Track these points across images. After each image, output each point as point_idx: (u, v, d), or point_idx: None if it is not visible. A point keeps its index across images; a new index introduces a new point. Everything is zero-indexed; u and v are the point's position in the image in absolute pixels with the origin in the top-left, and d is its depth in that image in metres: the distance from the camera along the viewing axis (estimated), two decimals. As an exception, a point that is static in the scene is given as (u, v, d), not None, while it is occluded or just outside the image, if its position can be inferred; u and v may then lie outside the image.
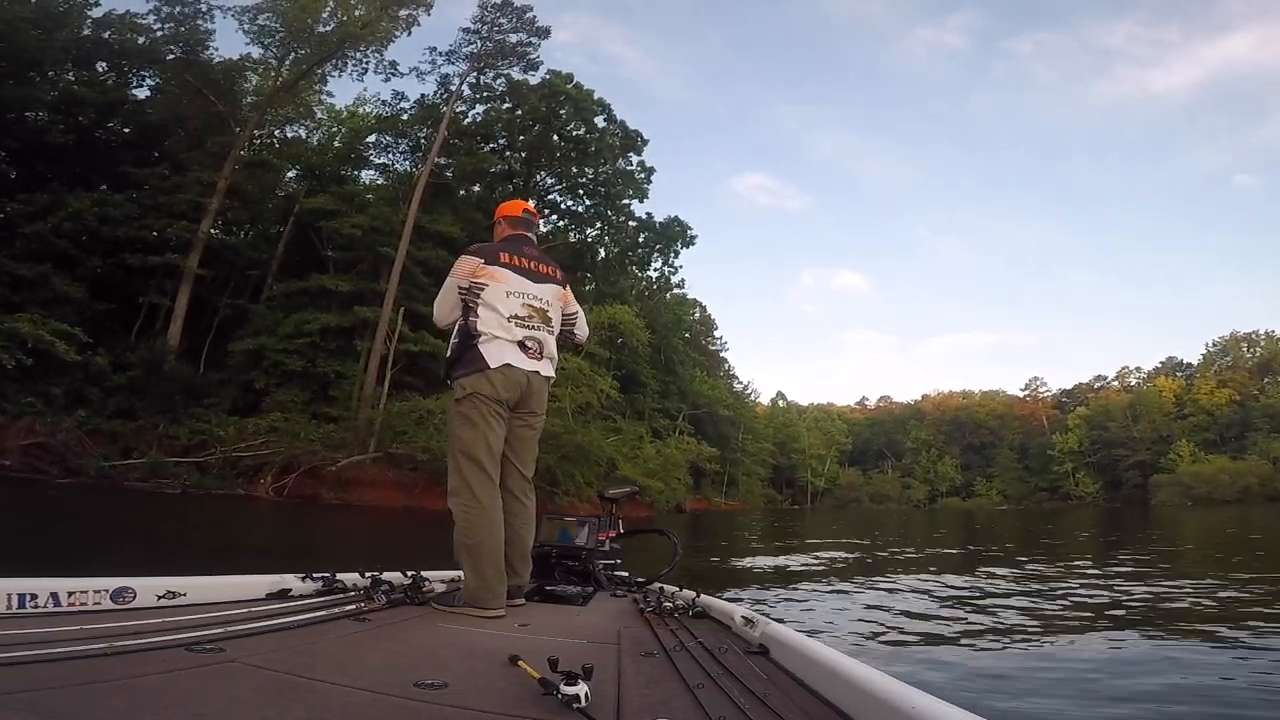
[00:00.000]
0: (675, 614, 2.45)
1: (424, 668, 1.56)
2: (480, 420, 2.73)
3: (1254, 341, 73.73)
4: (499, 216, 3.19)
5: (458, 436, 2.75)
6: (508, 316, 2.82)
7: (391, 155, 34.41)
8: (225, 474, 20.47)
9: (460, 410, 2.76)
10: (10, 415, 18.47)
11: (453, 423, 2.81)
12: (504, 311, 2.82)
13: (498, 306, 2.82)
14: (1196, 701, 3.23)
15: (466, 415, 2.74)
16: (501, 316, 2.81)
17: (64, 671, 1.22)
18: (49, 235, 22.22)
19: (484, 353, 2.77)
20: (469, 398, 2.74)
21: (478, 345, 2.78)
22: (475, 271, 2.85)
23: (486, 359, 2.76)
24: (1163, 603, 6.24)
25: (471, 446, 2.72)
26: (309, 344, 24.81)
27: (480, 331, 2.79)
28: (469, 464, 2.71)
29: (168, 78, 28.43)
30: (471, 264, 2.86)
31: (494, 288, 2.84)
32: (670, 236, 41.85)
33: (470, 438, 2.73)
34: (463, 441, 2.73)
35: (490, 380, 2.75)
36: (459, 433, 2.75)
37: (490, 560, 2.59)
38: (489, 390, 2.74)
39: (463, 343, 2.83)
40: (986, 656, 4.24)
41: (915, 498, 79.85)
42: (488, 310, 2.81)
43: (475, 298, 2.83)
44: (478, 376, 2.75)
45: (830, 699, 1.39)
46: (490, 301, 2.82)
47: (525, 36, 32.28)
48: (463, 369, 2.79)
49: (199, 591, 2.08)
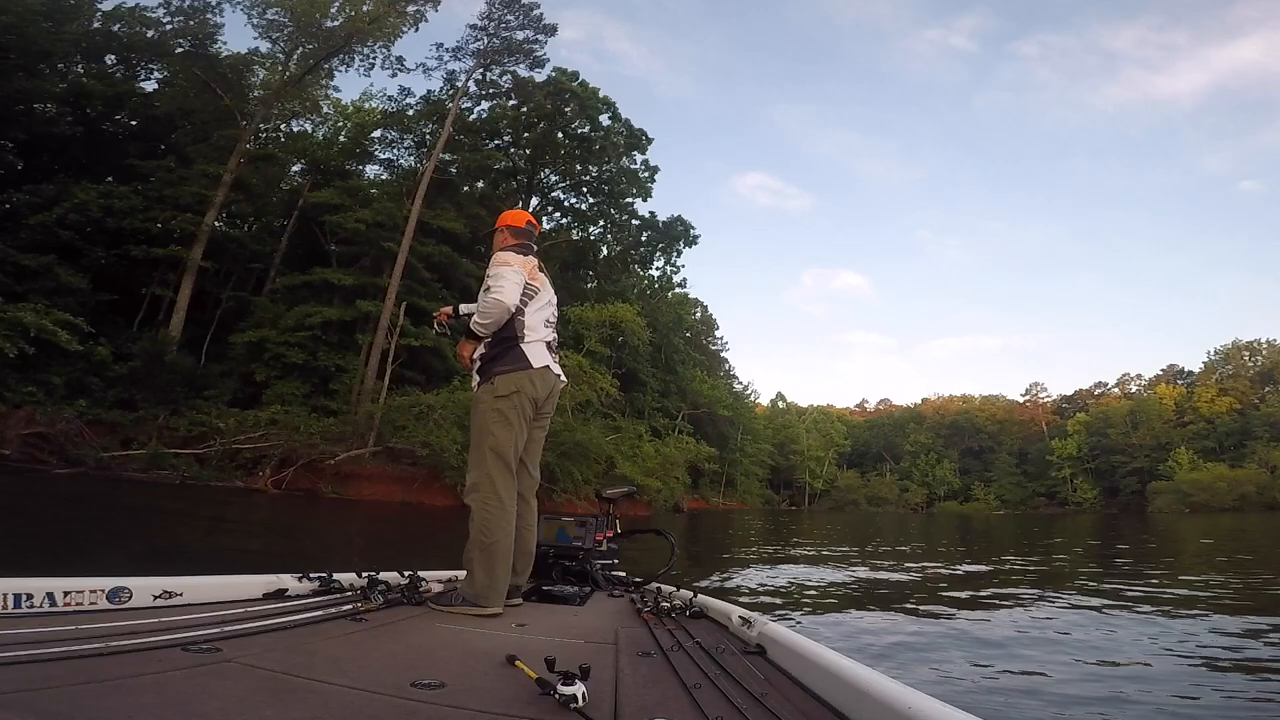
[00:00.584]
0: (672, 614, 2.45)
1: (421, 667, 1.56)
2: (517, 420, 2.75)
3: (1256, 350, 73.49)
4: (502, 225, 3.16)
5: (492, 434, 2.72)
6: (545, 321, 2.91)
7: (396, 150, 34.50)
8: (224, 466, 20.47)
9: (499, 408, 2.74)
10: (10, 404, 18.48)
11: (488, 419, 2.75)
12: (543, 314, 2.91)
13: (542, 310, 2.91)
14: (1196, 702, 3.23)
15: (504, 414, 2.73)
16: (541, 319, 2.89)
17: (60, 671, 1.22)
18: (54, 226, 22.24)
19: (527, 352, 2.81)
20: (513, 395, 2.74)
21: (521, 345, 2.81)
22: (531, 272, 2.88)
23: (530, 359, 2.80)
24: (1162, 607, 6.23)
25: (504, 445, 2.72)
26: (310, 337, 24.84)
27: (525, 333, 2.82)
28: (497, 462, 2.70)
29: (175, 71, 28.45)
30: (529, 263, 2.89)
31: (543, 292, 2.93)
32: (673, 236, 41.88)
33: (505, 436, 2.73)
34: (496, 439, 2.72)
35: (532, 380, 2.79)
36: (494, 429, 2.72)
37: (503, 560, 2.60)
38: (530, 390, 2.78)
39: (504, 341, 2.82)
40: (984, 657, 4.24)
41: (913, 501, 79.72)
42: (533, 313, 2.87)
43: (528, 298, 2.86)
44: (521, 375, 2.77)
45: (827, 699, 1.39)
46: (536, 303, 2.89)
47: (532, 34, 32.27)
48: (506, 366, 2.78)
49: (195, 591, 2.08)
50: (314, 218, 28.43)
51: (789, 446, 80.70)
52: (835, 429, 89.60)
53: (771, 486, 76.87)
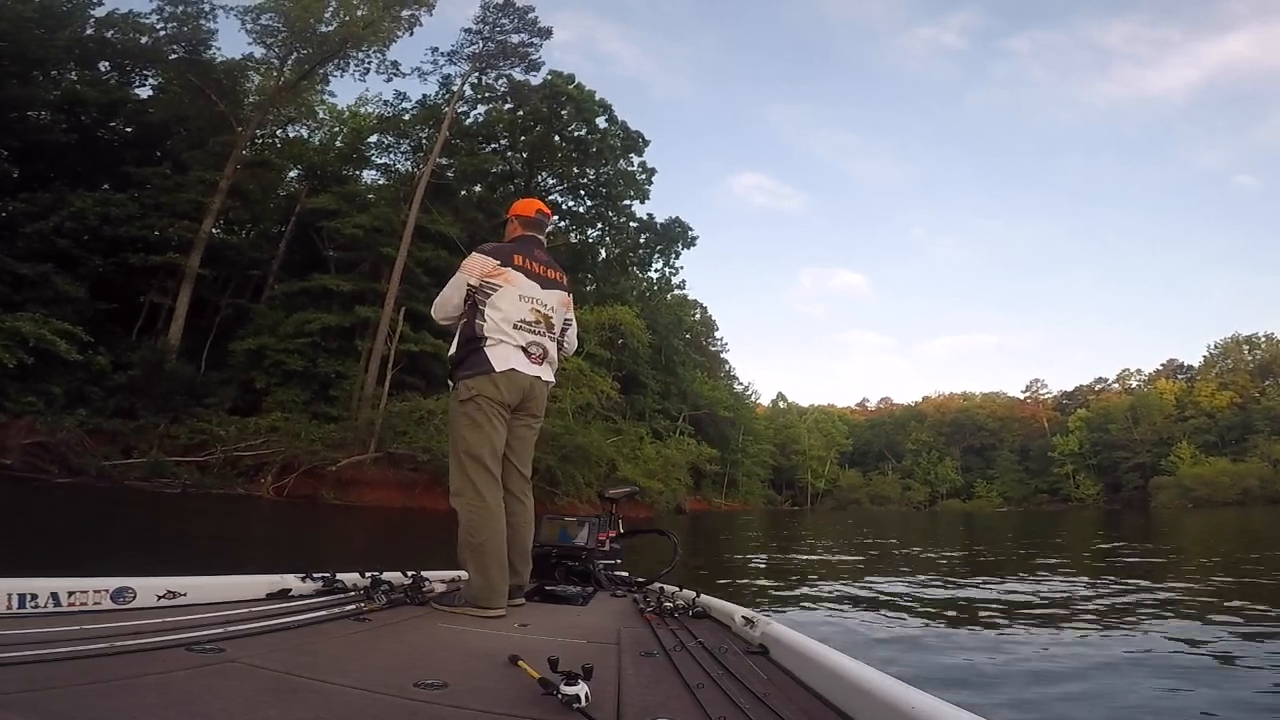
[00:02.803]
0: (675, 614, 2.44)
1: (424, 668, 1.56)
2: (485, 421, 2.73)
3: (1255, 344, 73.67)
4: (511, 215, 3.17)
5: (462, 438, 2.74)
6: (516, 321, 2.82)
7: (393, 155, 34.51)
8: (225, 474, 20.46)
9: (464, 411, 2.75)
10: (11, 414, 18.46)
11: (456, 424, 2.78)
12: (513, 315, 2.82)
13: (507, 310, 2.81)
14: (1198, 703, 3.23)
15: (471, 417, 2.73)
16: (510, 320, 2.80)
17: (64, 671, 1.22)
18: (50, 234, 22.22)
19: (490, 356, 2.76)
20: (473, 399, 2.73)
21: (484, 348, 2.77)
22: (489, 272, 2.83)
23: (492, 362, 2.75)
24: (1166, 605, 6.23)
25: (476, 447, 2.71)
26: (310, 344, 24.85)
27: (486, 335, 2.78)
28: (474, 465, 2.70)
29: (170, 77, 28.44)
30: (485, 264, 2.85)
31: (506, 290, 2.83)
32: (671, 237, 41.90)
33: (475, 439, 2.72)
34: (467, 443, 2.72)
35: (495, 383, 2.74)
36: (463, 434, 2.74)
37: (496, 560, 2.59)
38: (493, 393, 2.74)
39: (468, 344, 2.81)
40: (987, 657, 4.24)
41: (915, 499, 79.80)
42: (496, 312, 2.80)
43: (485, 298, 2.82)
44: (482, 379, 2.74)
45: (830, 699, 1.39)
46: (500, 304, 2.81)
47: (527, 37, 32.31)
48: (467, 370, 2.77)
49: (199, 591, 2.08)
50: (311, 223, 28.43)
51: (790, 447, 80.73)
52: (836, 428, 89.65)
53: (774, 487, 76.87)
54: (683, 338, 54.45)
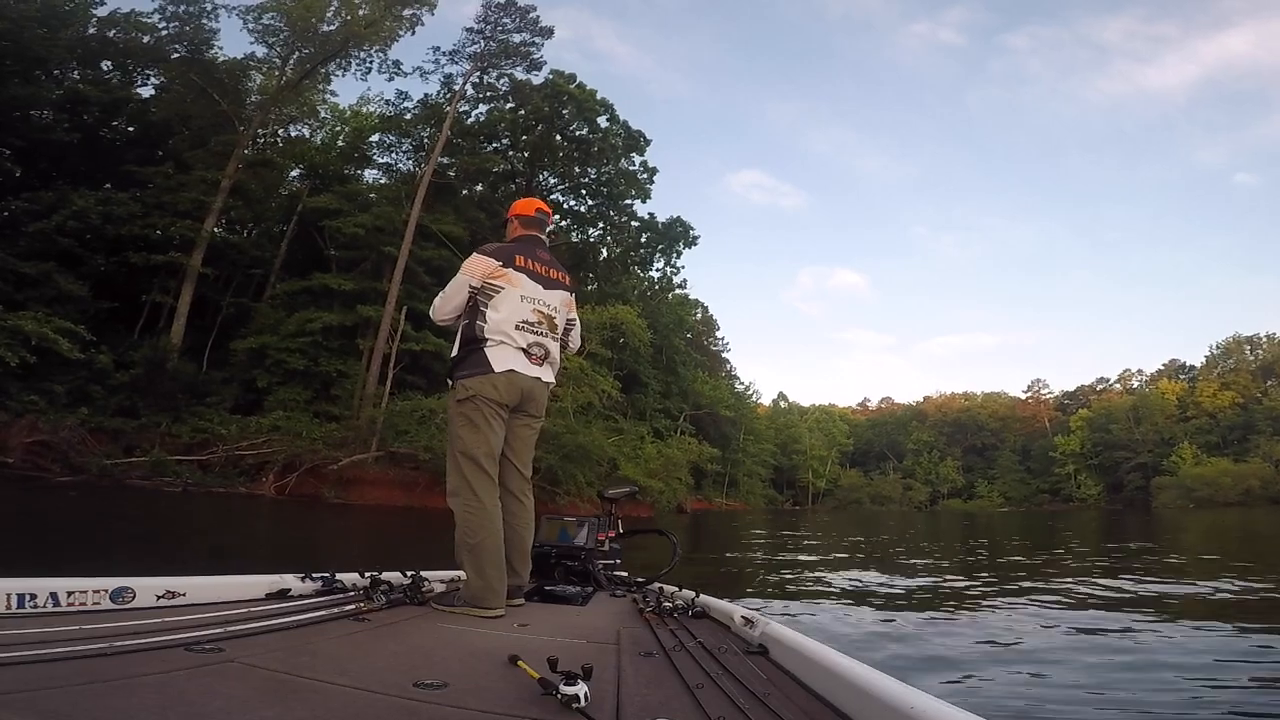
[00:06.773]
0: (675, 614, 2.44)
1: (424, 668, 1.56)
2: (482, 422, 2.73)
3: (1257, 344, 73.55)
4: (511, 215, 3.16)
5: (459, 437, 2.74)
6: (517, 322, 2.82)
7: (395, 155, 34.61)
8: (227, 473, 20.52)
9: (461, 411, 2.75)
10: (13, 413, 18.50)
11: (453, 423, 2.79)
12: (514, 316, 2.81)
13: (509, 311, 2.81)
14: (1197, 703, 3.22)
15: (468, 417, 2.73)
16: (511, 321, 2.80)
17: (63, 671, 1.22)
18: (53, 233, 22.28)
19: (489, 356, 2.76)
20: (470, 399, 2.73)
21: (483, 349, 2.77)
22: (491, 273, 2.83)
23: (491, 363, 2.75)
24: (1166, 603, 6.22)
25: (473, 448, 2.71)
26: (311, 343, 24.89)
27: (487, 336, 2.78)
28: (470, 465, 2.70)
29: (172, 76, 28.49)
30: (487, 265, 2.84)
31: (508, 291, 2.83)
32: (673, 237, 41.93)
33: (472, 439, 2.72)
34: (464, 443, 2.72)
35: (493, 384, 2.74)
36: (460, 434, 2.74)
37: (492, 560, 2.58)
38: (491, 393, 2.74)
39: (468, 345, 2.81)
40: (989, 657, 4.23)
41: (917, 499, 79.71)
42: (497, 314, 2.80)
43: (486, 300, 2.82)
44: (481, 379, 2.74)
45: (830, 699, 1.39)
46: (501, 305, 2.81)
47: (528, 36, 32.39)
48: (466, 371, 2.77)
49: (198, 591, 2.08)
50: (313, 223, 28.48)
51: (791, 446, 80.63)
52: (837, 428, 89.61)
53: (775, 486, 76.78)
54: (684, 337, 54.40)
